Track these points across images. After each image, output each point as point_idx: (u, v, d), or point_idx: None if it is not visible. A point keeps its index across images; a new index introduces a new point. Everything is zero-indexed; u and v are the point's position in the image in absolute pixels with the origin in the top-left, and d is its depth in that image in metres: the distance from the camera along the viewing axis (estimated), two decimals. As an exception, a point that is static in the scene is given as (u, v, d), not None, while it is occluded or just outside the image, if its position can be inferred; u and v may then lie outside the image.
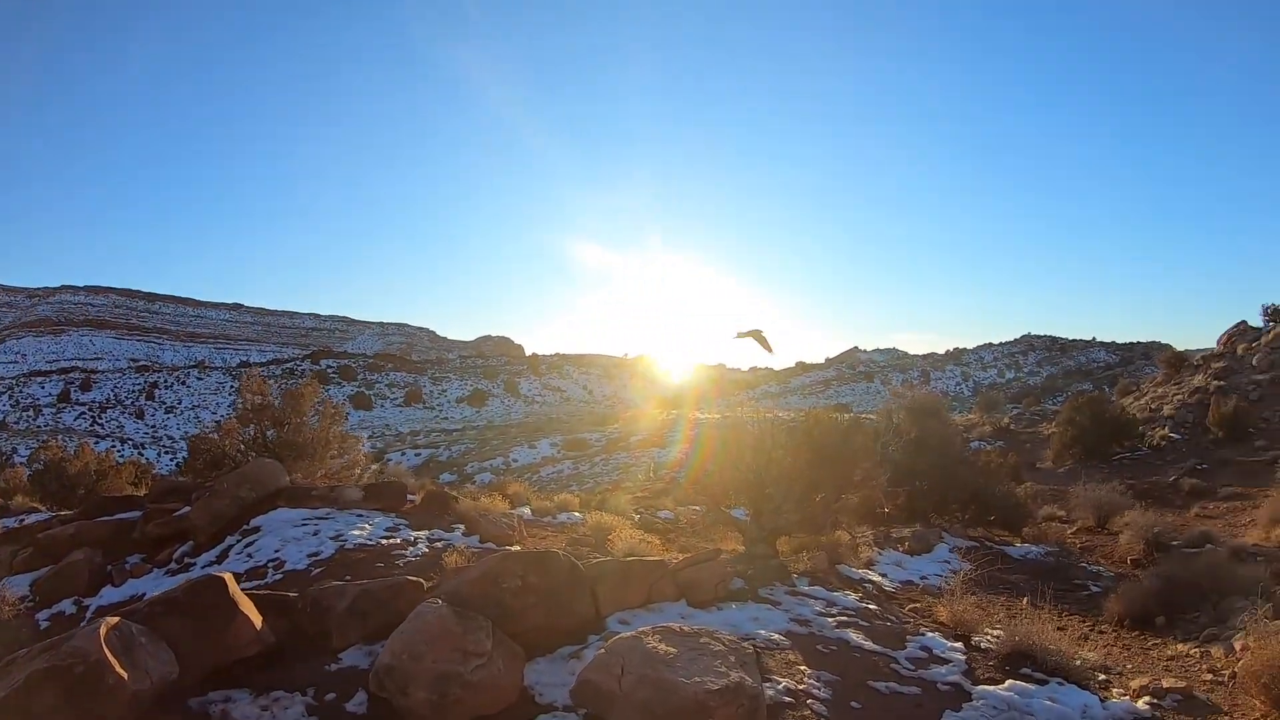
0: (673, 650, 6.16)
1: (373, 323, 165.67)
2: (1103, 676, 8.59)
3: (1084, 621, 11.52)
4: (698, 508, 16.59)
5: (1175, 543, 16.88)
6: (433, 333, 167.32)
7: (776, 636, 7.99)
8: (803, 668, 7.32)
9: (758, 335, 16.83)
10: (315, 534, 10.96)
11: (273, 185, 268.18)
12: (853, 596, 10.31)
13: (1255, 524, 18.90)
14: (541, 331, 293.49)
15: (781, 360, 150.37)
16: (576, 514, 14.97)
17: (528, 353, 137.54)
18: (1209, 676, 8.63)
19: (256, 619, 6.95)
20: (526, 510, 14.77)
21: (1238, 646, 8.73)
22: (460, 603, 6.80)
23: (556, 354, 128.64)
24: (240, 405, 17.69)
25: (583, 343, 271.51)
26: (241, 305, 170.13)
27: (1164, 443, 31.41)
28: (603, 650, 6.32)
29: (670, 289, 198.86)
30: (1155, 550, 16.11)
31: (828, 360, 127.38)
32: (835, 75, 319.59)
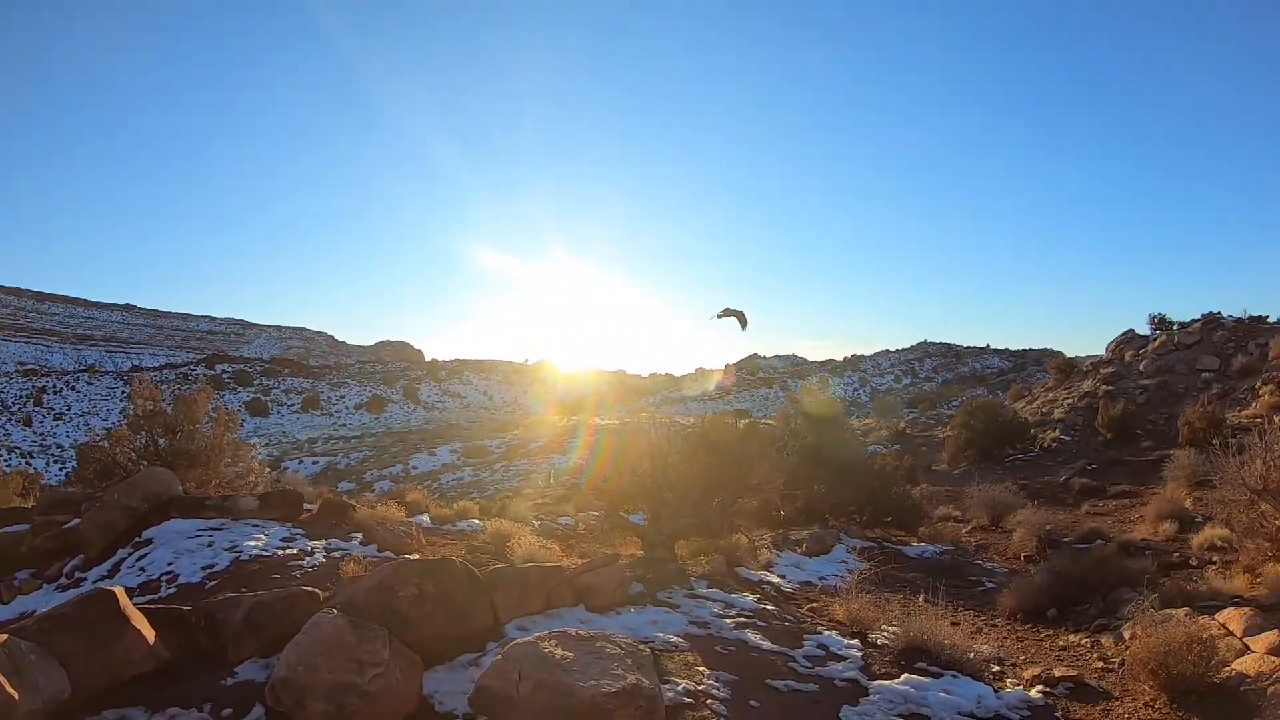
0: (569, 654, 6.14)
1: (270, 326, 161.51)
2: (997, 668, 8.77)
3: (979, 616, 11.78)
4: (598, 513, 16.52)
5: (1067, 539, 17.39)
6: (331, 337, 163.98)
7: (675, 639, 8.02)
8: (702, 668, 7.35)
9: (737, 314, 17.02)
10: (209, 545, 10.68)
11: (167, 182, 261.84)
12: (751, 598, 10.37)
13: (1143, 520, 19.60)
14: (442, 337, 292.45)
15: (681, 366, 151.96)
16: (476, 521, 14.78)
17: (428, 358, 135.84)
18: (1100, 664, 8.84)
19: (150, 634, 6.67)
20: (426, 518, 14.56)
21: (1126, 635, 8.97)
22: (356, 612, 6.64)
23: (457, 360, 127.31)
24: (131, 411, 17.03)
25: (483, 348, 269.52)
26: (134, 306, 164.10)
27: (1055, 444, 32.54)
28: (499, 656, 6.26)
29: (571, 295, 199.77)
30: (1047, 547, 16.56)
31: (727, 366, 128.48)
32: (734, 80, 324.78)
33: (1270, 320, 38.66)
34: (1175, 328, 40.36)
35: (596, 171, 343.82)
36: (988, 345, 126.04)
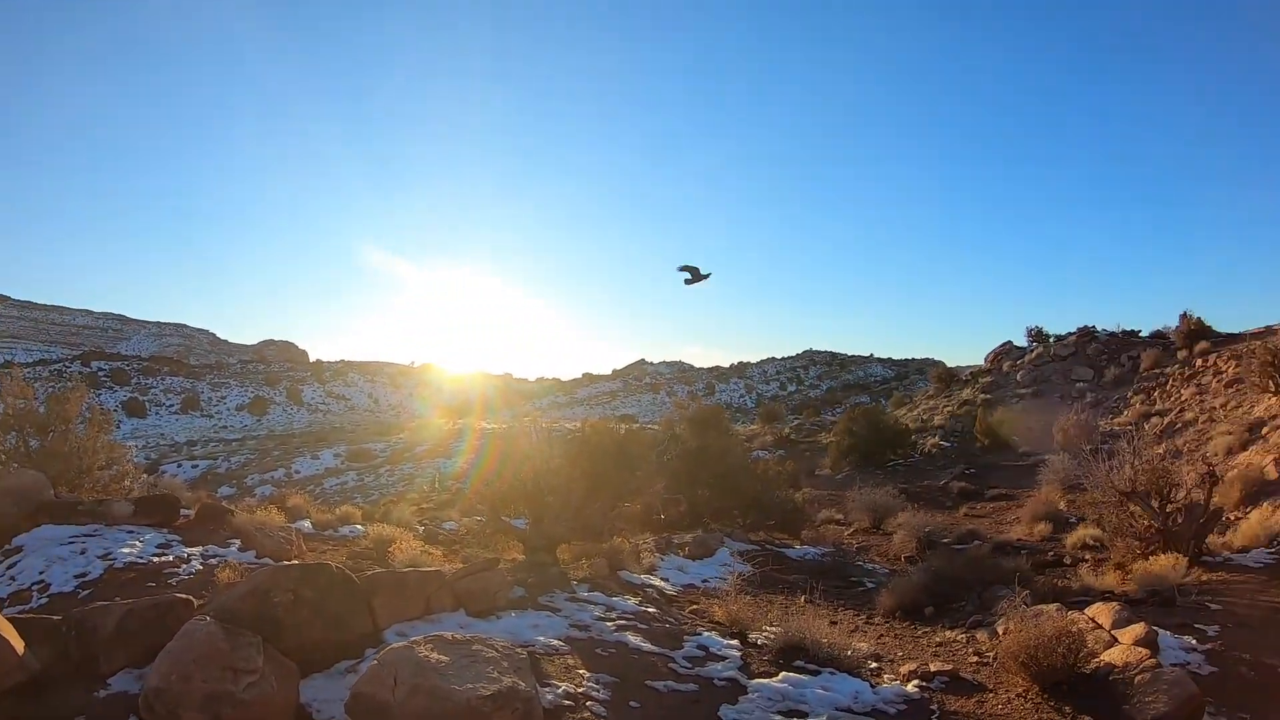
0: (445, 659, 6.01)
1: (149, 322, 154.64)
2: (875, 664, 8.89)
3: (859, 615, 11.97)
4: (482, 518, 16.34)
5: (945, 540, 17.82)
6: (213, 335, 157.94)
7: (556, 642, 7.95)
8: (582, 671, 7.29)
9: (692, 271, 16.95)
10: (83, 553, 10.24)
11: (43, 168, 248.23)
12: (632, 601, 10.34)
13: (1019, 521, 20.30)
14: (327, 337, 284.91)
15: (569, 371, 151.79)
16: (359, 526, 14.47)
17: (312, 359, 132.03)
18: (975, 659, 9.05)
19: (19, 646, 6.27)
20: (307, 524, 14.20)
21: (1000, 630, 9.19)
22: (231, 619, 6.38)
23: (342, 361, 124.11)
24: (1, 410, 16.18)
25: (369, 350, 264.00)
26: (6, 298, 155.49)
27: (935, 450, 33.77)
28: (375, 662, 6.08)
29: (458, 298, 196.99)
30: (927, 547, 16.94)
31: (615, 372, 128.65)
32: (626, 83, 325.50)
33: (1142, 335, 40.82)
34: (1052, 340, 42.37)
35: (482, 173, 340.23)
36: (871, 354, 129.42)
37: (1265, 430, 23.71)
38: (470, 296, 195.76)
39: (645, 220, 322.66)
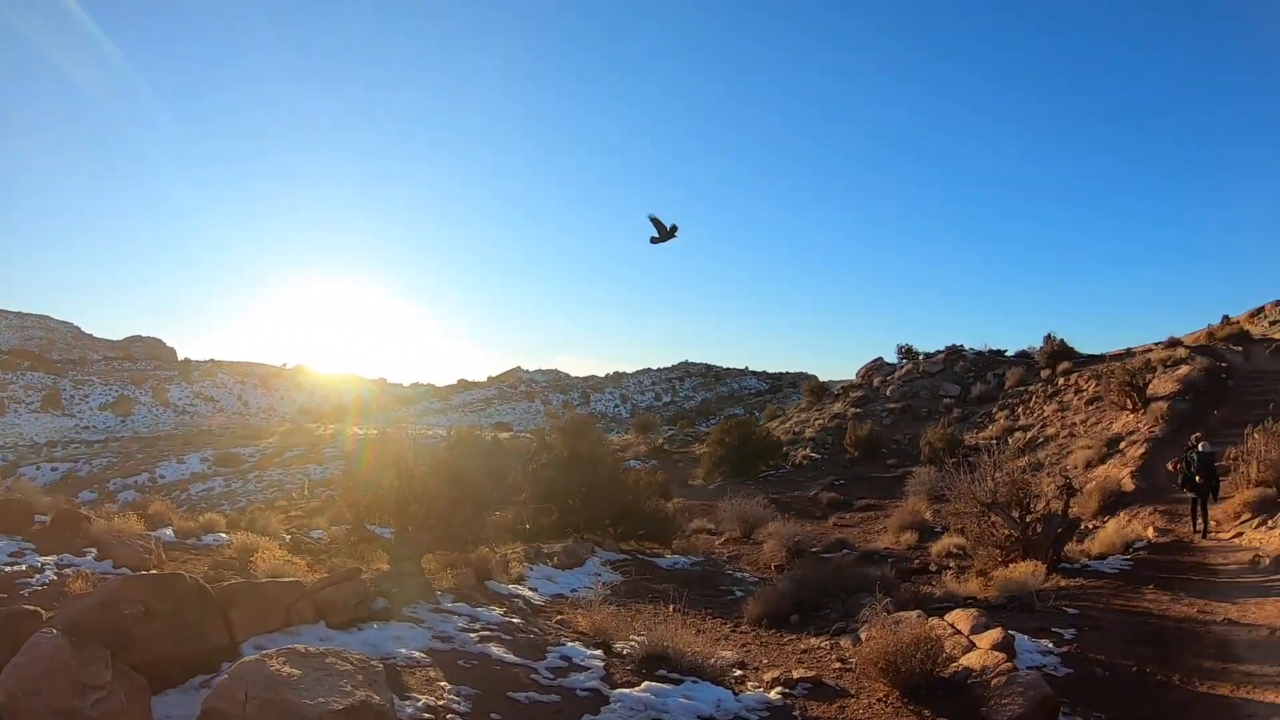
0: (297, 672, 5.76)
1: (10, 312, 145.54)
2: (739, 672, 8.88)
3: (726, 624, 12.01)
4: (350, 526, 15.96)
5: (814, 549, 18.11)
6: (77, 329, 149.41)
7: (418, 654, 7.76)
8: (443, 684, 7.12)
9: (655, 222, 16.69)
10: None
11: None
12: (497, 611, 10.19)
13: (887, 531, 20.87)
14: (197, 335, 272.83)
15: (445, 377, 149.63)
16: (224, 535, 13.97)
17: (180, 357, 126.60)
18: (838, 665, 9.15)
19: None
20: (169, 532, 13.65)
21: (863, 637, 9.28)
22: (80, 632, 5.98)
23: (211, 360, 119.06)
24: None
25: (240, 350, 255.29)
26: None
27: (806, 462, 34.53)
28: (226, 676, 5.80)
29: (333, 300, 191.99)
30: (796, 556, 17.17)
31: (490, 379, 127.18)
32: (503, 79, 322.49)
33: (1008, 354, 43.09)
34: (921, 357, 44.06)
35: (352, 175, 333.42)
36: (746, 367, 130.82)
37: (1123, 445, 24.98)
38: (345, 299, 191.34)
39: (524, 227, 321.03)
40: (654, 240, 17.01)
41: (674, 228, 16.99)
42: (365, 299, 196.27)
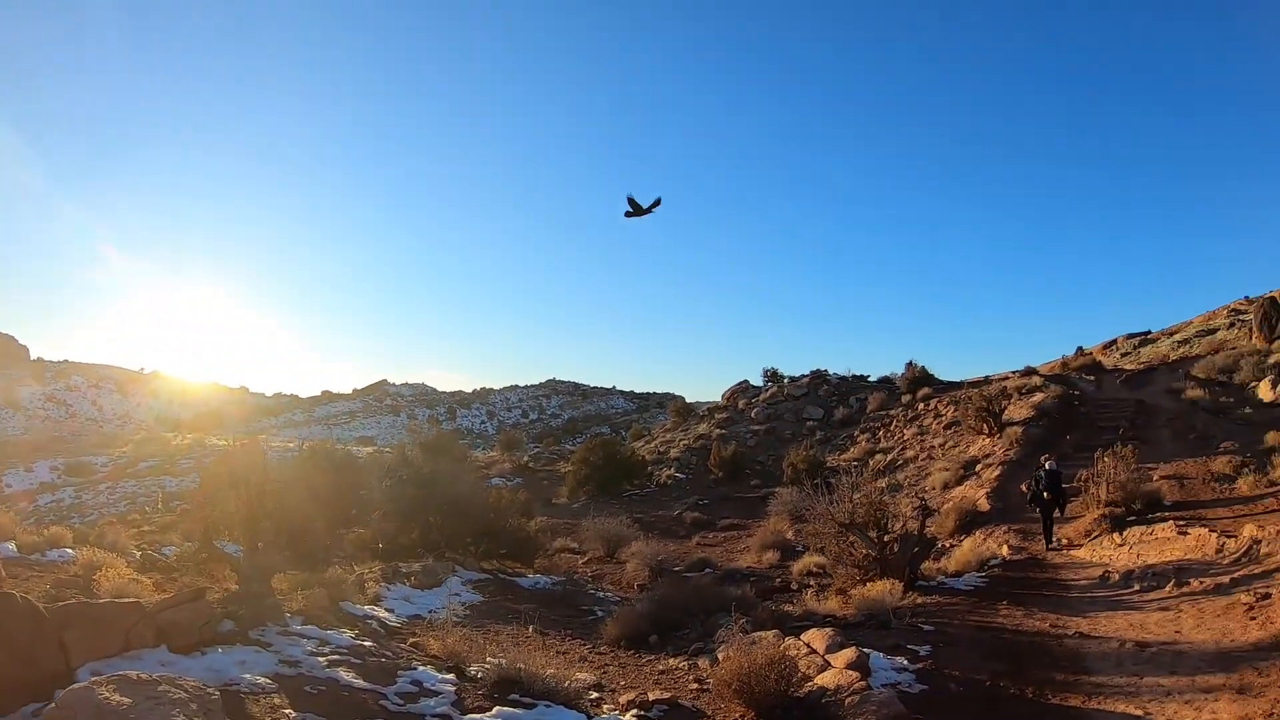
0: (127, 700, 5.49)
1: None
2: (595, 695, 8.75)
3: (585, 645, 11.87)
4: (199, 544, 15.30)
5: (677, 568, 18.12)
6: None
7: (263, 680, 7.38)
8: (288, 711, 6.80)
9: (636, 205, 16.38)
10: None
11: None
12: (349, 634, 9.80)
13: (749, 550, 21.07)
14: (50, 334, 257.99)
15: (309, 387, 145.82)
16: (69, 551, 13.34)
17: (33, 356, 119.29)
18: (695, 686, 9.09)
19: None
20: (11, 546, 13.03)
21: (721, 657, 9.22)
22: None
23: (65, 361, 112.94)
24: None
25: (97, 352, 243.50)
26: None
27: (671, 481, 34.77)
28: (53, 705, 5.49)
29: (195, 305, 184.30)
30: (659, 576, 17.14)
31: (355, 391, 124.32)
32: (345, 88, 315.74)
33: (871, 379, 44.49)
34: (786, 380, 45.03)
35: (212, 176, 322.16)
36: (614, 386, 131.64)
37: (979, 467, 25.85)
38: (207, 304, 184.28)
39: (393, 237, 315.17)
40: (628, 214, 16.92)
41: (657, 201, 16.95)
42: (228, 305, 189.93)
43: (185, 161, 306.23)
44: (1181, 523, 15.65)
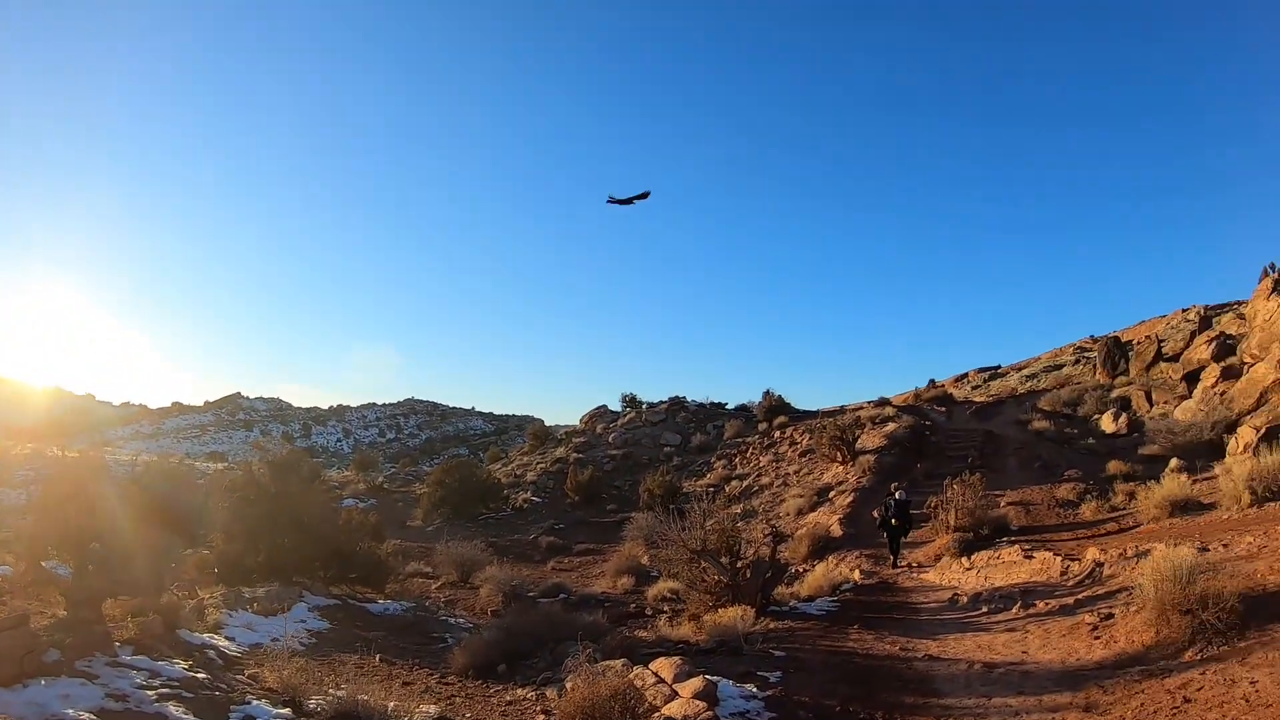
0: None
1: None
2: (438, 727, 8.44)
3: (433, 674, 11.52)
4: (15, 566, 14.35)
5: (532, 594, 17.89)
6: None
7: (86, 716, 7.01)
8: None
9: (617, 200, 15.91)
10: None
11: None
12: (182, 666, 9.30)
13: (604, 575, 21.01)
14: None
15: (159, 398, 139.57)
16: None
17: None
18: (542, 717, 8.92)
19: None
20: None
21: (569, 687, 9.03)
22: None
23: None
24: None
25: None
26: None
27: (527, 505, 34.69)
28: None
29: (37, 304, 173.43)
30: (514, 601, 16.91)
31: (208, 404, 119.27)
32: (189, 84, 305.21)
33: (728, 407, 45.33)
34: (645, 406, 45.48)
35: (55, 172, 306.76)
36: (473, 407, 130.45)
37: (832, 494, 26.45)
38: (51, 305, 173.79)
39: (250, 243, 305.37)
40: (612, 200, 16.66)
41: (646, 194, 16.74)
42: (75, 305, 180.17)
43: (22, 151, 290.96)
44: (1028, 547, 16.21)
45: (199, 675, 9.11)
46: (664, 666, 9.14)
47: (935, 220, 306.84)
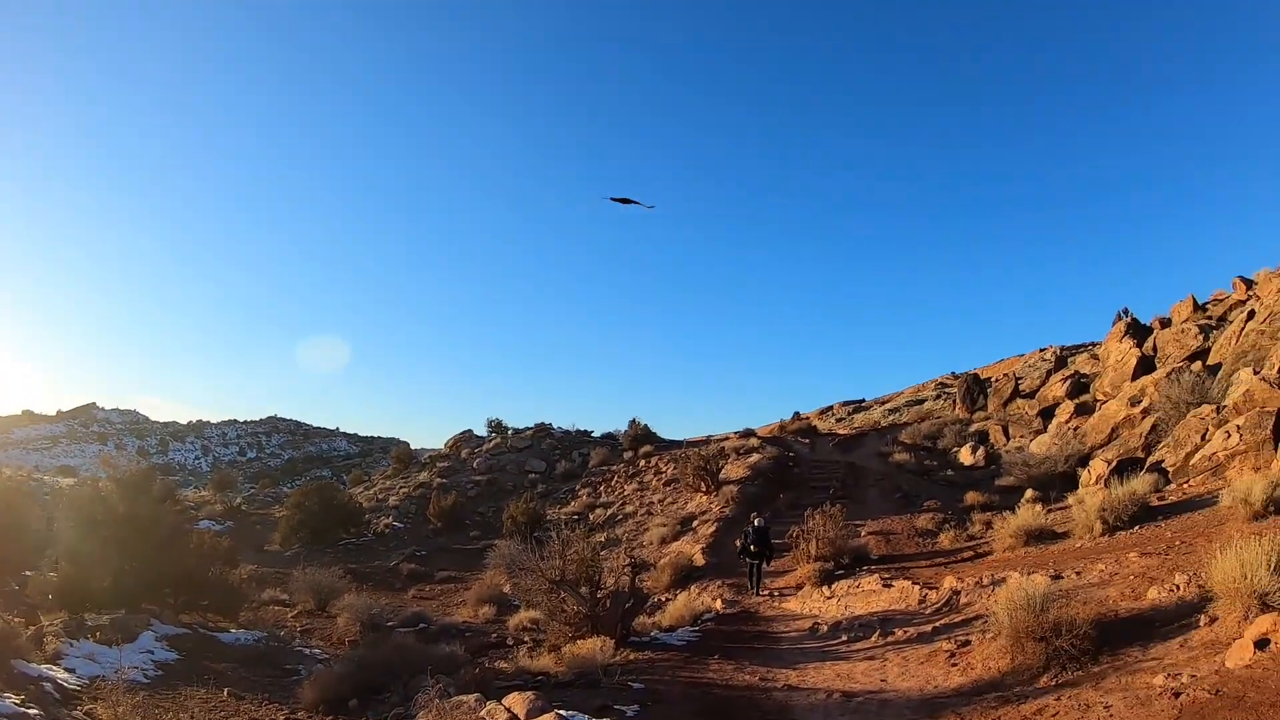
0: None
1: None
2: (286, 766, 8.20)
3: (282, 709, 11.14)
4: None
5: (391, 623, 17.53)
6: None
7: None
8: None
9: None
10: None
11: None
12: (13, 700, 8.83)
13: (466, 603, 20.76)
14: None
15: (7, 406, 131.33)
16: None
17: None
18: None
19: None
20: None
21: (421, 723, 8.90)
22: None
23: None
24: None
25: None
26: None
27: (388, 530, 34.07)
28: None
29: None
30: (372, 631, 16.56)
31: (60, 414, 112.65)
32: (70, 82, 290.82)
33: (594, 435, 45.84)
34: (510, 432, 45.44)
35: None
36: (338, 428, 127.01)
37: (696, 524, 26.71)
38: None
39: (109, 241, 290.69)
40: (613, 199, 16.36)
41: (651, 206, 16.53)
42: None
43: None
44: (887, 575, 16.67)
45: (30, 711, 8.66)
46: (517, 702, 9.04)
47: (804, 251, 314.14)
